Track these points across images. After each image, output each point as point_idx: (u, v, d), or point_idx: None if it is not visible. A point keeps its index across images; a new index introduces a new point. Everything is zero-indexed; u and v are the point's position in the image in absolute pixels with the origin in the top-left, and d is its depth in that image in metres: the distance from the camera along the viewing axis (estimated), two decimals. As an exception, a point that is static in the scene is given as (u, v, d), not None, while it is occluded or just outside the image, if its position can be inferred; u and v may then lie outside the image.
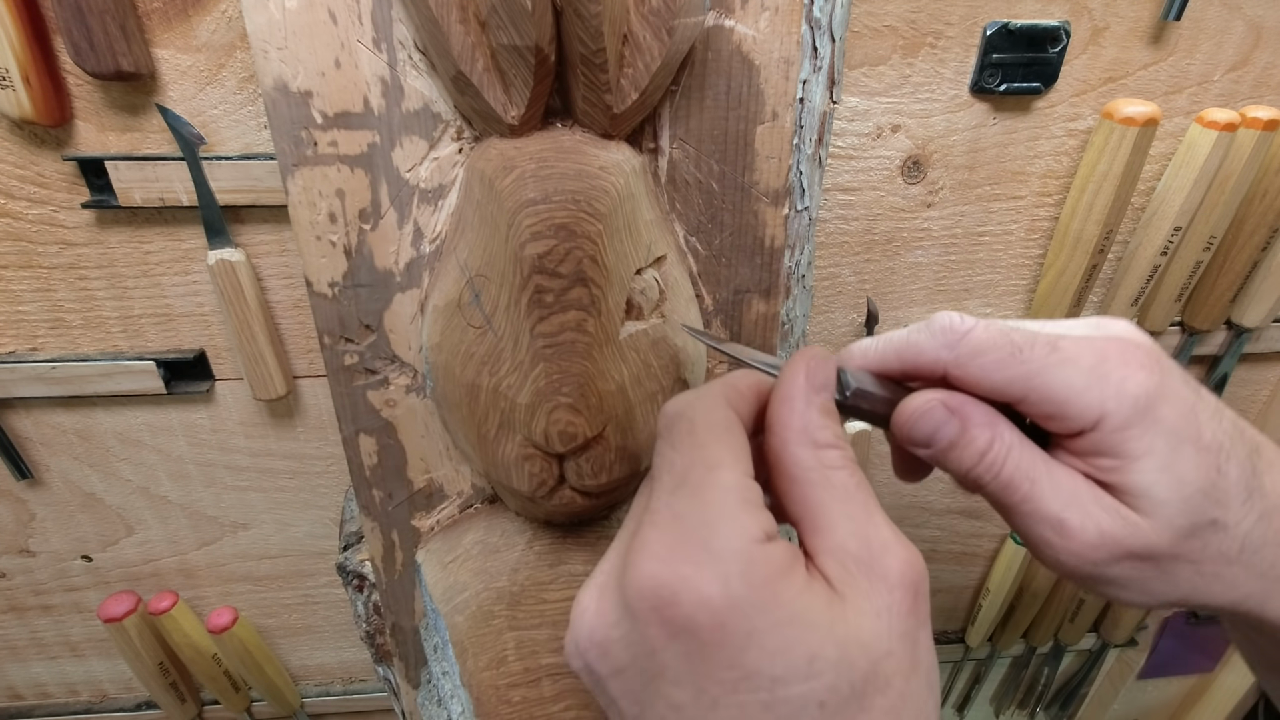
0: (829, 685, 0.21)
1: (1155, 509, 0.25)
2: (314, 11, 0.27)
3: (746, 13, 0.29)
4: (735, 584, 0.21)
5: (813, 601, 0.21)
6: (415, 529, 0.37)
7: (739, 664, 0.21)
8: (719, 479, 0.23)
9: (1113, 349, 0.25)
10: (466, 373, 0.30)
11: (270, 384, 0.56)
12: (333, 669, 0.78)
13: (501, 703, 0.35)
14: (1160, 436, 0.25)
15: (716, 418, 0.25)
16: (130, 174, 0.48)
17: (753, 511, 0.22)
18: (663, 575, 0.21)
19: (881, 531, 0.23)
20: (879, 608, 0.22)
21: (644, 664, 0.22)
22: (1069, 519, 0.25)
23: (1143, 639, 0.87)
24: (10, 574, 0.67)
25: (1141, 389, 0.25)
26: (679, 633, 0.21)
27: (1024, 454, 0.26)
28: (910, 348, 0.27)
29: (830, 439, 0.24)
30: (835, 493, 0.24)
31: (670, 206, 0.32)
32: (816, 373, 0.25)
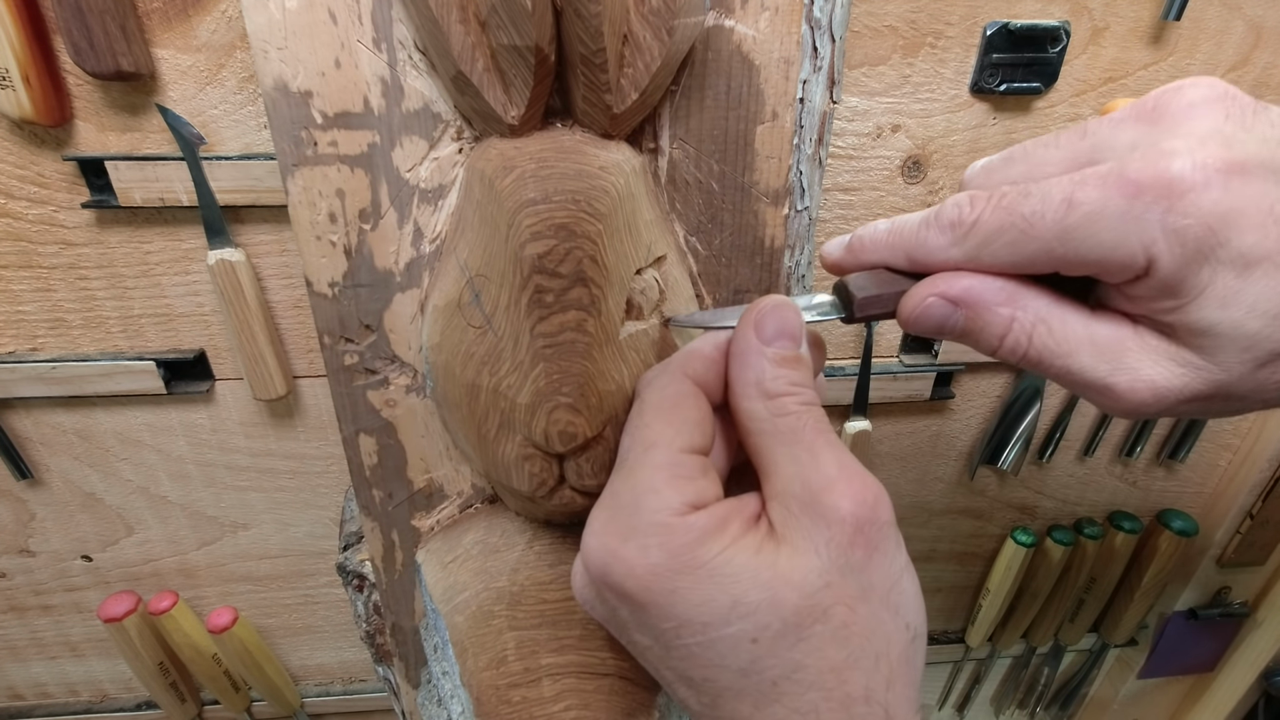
0: (757, 624, 0.23)
1: (1219, 347, 0.22)
2: (314, 11, 0.27)
3: (746, 13, 0.29)
4: (654, 554, 0.23)
5: (736, 555, 0.23)
6: (415, 529, 0.37)
7: (672, 616, 0.23)
8: (651, 458, 0.25)
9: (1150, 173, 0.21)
10: (466, 373, 0.30)
11: (270, 384, 0.56)
12: (333, 669, 0.78)
13: (501, 703, 0.35)
14: (1224, 265, 0.21)
15: (667, 394, 0.26)
16: (130, 174, 0.48)
17: (679, 484, 0.24)
18: (597, 550, 0.25)
19: (825, 470, 0.24)
20: (816, 544, 0.23)
21: (612, 617, 0.26)
22: (1116, 383, 0.23)
23: (1143, 639, 0.87)
24: (10, 574, 0.67)
25: (1198, 221, 0.21)
26: (620, 596, 0.24)
27: (1053, 326, 0.24)
28: (920, 248, 0.25)
29: (782, 388, 0.25)
30: (782, 438, 0.25)
31: (670, 206, 0.32)
32: (765, 324, 0.26)
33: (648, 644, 0.25)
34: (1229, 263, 0.21)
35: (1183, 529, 0.76)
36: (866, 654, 0.23)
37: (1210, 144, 0.21)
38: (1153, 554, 0.77)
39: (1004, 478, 0.73)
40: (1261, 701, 0.89)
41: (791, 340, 0.26)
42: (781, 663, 0.23)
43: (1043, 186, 0.23)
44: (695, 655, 0.24)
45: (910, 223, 0.26)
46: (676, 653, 0.24)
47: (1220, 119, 0.22)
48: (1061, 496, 0.76)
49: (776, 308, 0.26)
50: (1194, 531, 0.76)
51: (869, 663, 0.23)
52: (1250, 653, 0.85)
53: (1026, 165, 0.25)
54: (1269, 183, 0.21)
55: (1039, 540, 0.76)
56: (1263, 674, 0.86)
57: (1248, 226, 0.21)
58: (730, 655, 0.23)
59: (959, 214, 0.24)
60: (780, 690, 0.23)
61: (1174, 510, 0.78)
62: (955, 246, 0.24)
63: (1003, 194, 0.23)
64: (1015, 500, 0.75)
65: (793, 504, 0.24)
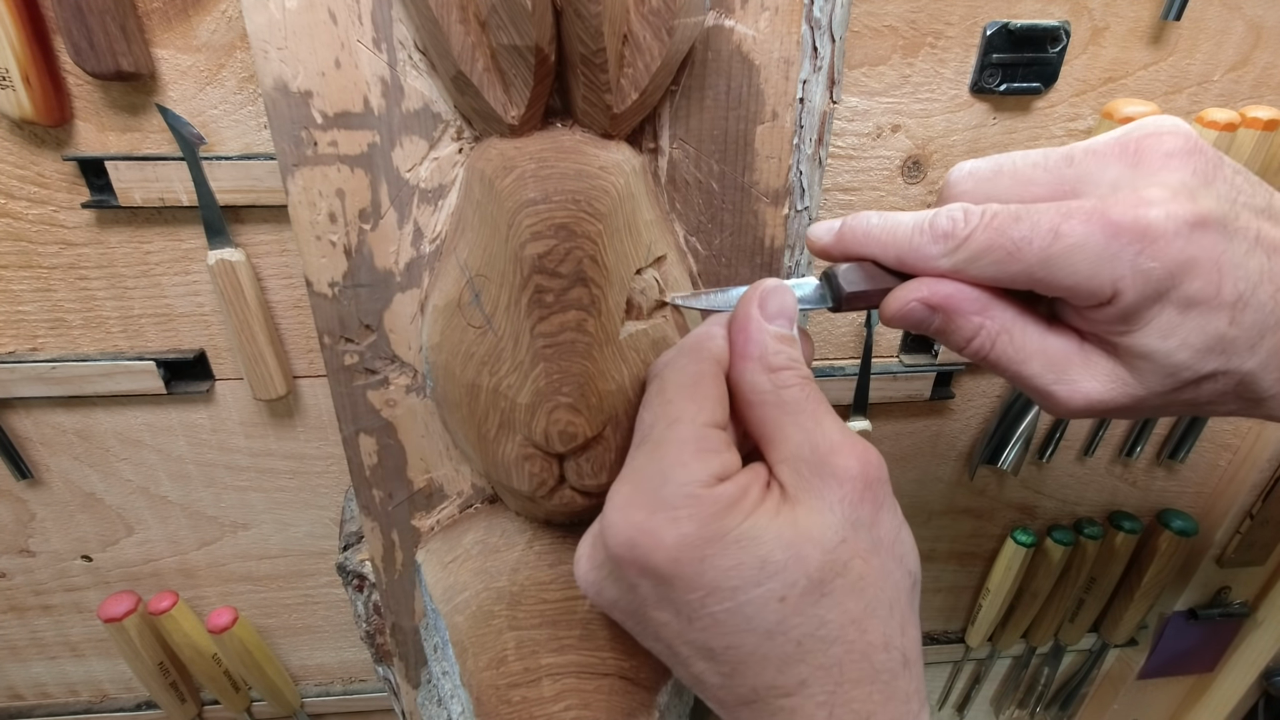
0: (785, 582, 0.24)
1: (1150, 369, 0.26)
2: (314, 11, 0.27)
3: (746, 13, 0.29)
4: (684, 525, 0.24)
5: (759, 519, 0.24)
6: (415, 529, 0.37)
7: (700, 585, 0.24)
8: (676, 433, 0.26)
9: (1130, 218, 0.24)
10: (466, 373, 0.30)
11: (270, 384, 0.56)
12: (333, 669, 0.78)
13: (501, 703, 0.35)
14: (1171, 304, 0.25)
15: (686, 373, 0.27)
16: (130, 174, 0.48)
17: (705, 458, 0.25)
18: (624, 524, 0.25)
19: (830, 435, 0.25)
20: (830, 503, 0.25)
21: (629, 595, 0.26)
22: (1057, 391, 0.27)
23: (1143, 639, 0.87)
24: (10, 574, 0.67)
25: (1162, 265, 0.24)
26: (645, 570, 0.25)
27: (1014, 336, 0.27)
28: (912, 253, 0.27)
29: (784, 362, 0.27)
30: (787, 408, 0.26)
31: (670, 206, 0.32)
32: (769, 302, 0.27)
33: (666, 620, 0.25)
34: (1175, 302, 0.25)
35: (1183, 529, 0.76)
36: (881, 603, 0.25)
37: (1180, 197, 0.24)
38: (1153, 554, 0.77)
39: (1004, 478, 0.73)
40: (1261, 701, 0.89)
41: (789, 320, 0.27)
42: (807, 620, 0.24)
43: (1032, 214, 0.25)
44: (721, 622, 0.24)
45: (903, 225, 0.27)
46: (700, 623, 0.25)
47: (1189, 173, 0.25)
48: (1061, 496, 0.76)
49: (778, 289, 0.28)
50: (1194, 531, 0.76)
51: (884, 611, 0.25)
52: (1250, 653, 0.85)
53: (1014, 181, 0.27)
54: (1220, 236, 0.24)
55: (1039, 540, 0.76)
56: (1263, 674, 0.86)
57: (1198, 273, 0.24)
58: (758, 617, 0.24)
59: (953, 227, 0.26)
60: (805, 649, 0.24)
61: (1174, 510, 0.78)
62: (945, 257, 0.26)
63: (994, 214, 0.26)
64: (1015, 500, 0.75)
65: (802, 467, 0.25)
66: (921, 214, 0.27)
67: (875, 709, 0.24)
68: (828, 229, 0.30)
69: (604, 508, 0.26)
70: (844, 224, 0.29)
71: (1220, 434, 0.74)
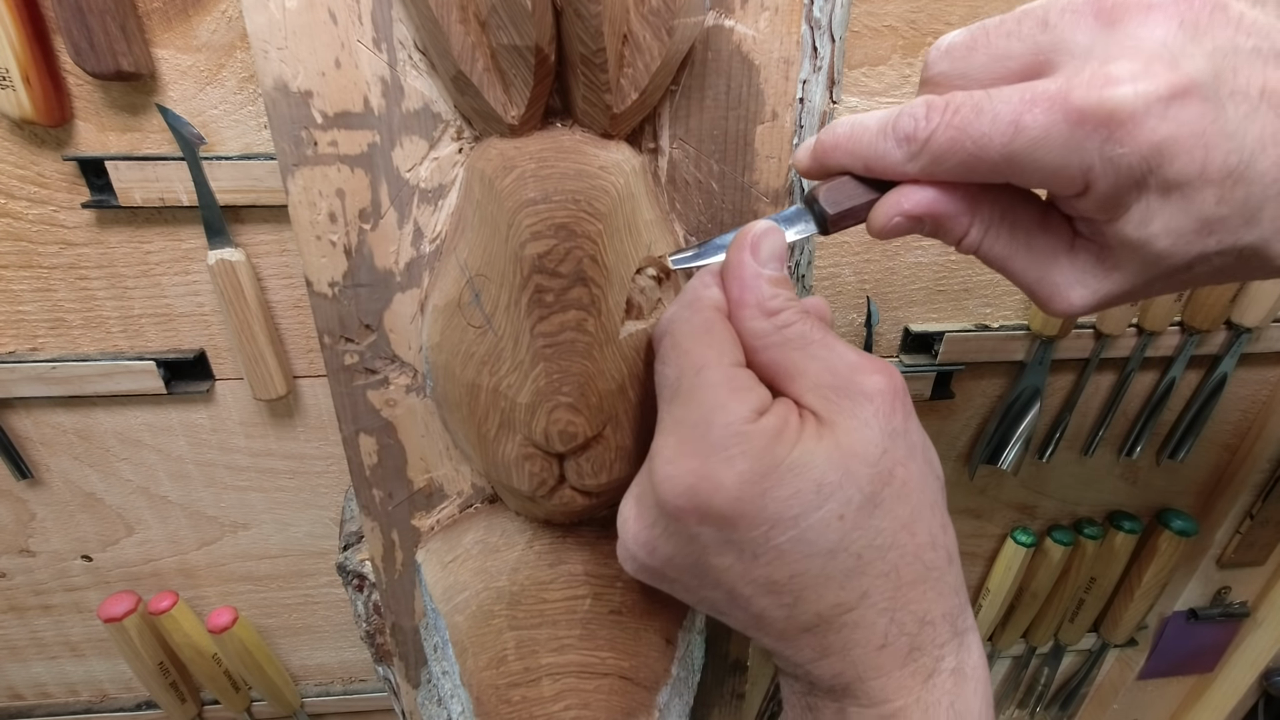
0: (842, 499, 0.24)
1: (1127, 260, 0.25)
2: (314, 11, 0.27)
3: (746, 13, 0.29)
4: (739, 463, 0.24)
5: (806, 444, 0.24)
6: (415, 529, 0.37)
7: (764, 519, 0.24)
8: (706, 378, 0.26)
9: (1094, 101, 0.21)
10: (466, 372, 0.30)
11: (270, 384, 0.56)
12: (333, 669, 0.78)
13: (501, 702, 0.35)
14: (1150, 189, 0.23)
15: (695, 322, 0.27)
16: (130, 174, 0.48)
17: (741, 395, 0.25)
18: (678, 475, 0.25)
19: (847, 357, 0.26)
20: (864, 419, 0.25)
21: (687, 547, 0.26)
22: (1039, 291, 0.27)
23: (1143, 639, 0.87)
24: (10, 574, 0.67)
25: (1133, 150, 0.22)
26: (705, 517, 0.25)
27: (1001, 234, 0.26)
28: (877, 160, 0.26)
29: (781, 304, 0.26)
30: (795, 343, 0.26)
31: (670, 206, 0.32)
32: (760, 247, 0.27)
33: (728, 563, 0.26)
34: (1155, 187, 0.22)
35: (1183, 529, 0.76)
36: (924, 504, 0.26)
37: (1156, 65, 0.21)
38: (1153, 554, 0.77)
39: (1004, 478, 0.73)
40: (1261, 701, 0.89)
41: (780, 262, 0.27)
42: (865, 532, 0.25)
43: (994, 104, 0.23)
44: (786, 553, 0.25)
45: (868, 130, 0.26)
46: (764, 558, 0.25)
47: (1174, 27, 0.22)
48: (1061, 496, 0.76)
49: (768, 232, 0.27)
50: (1194, 531, 0.76)
51: (927, 512, 0.26)
52: (1250, 653, 0.85)
53: (988, 57, 0.25)
54: (1206, 105, 0.21)
55: (1039, 540, 0.76)
56: (1263, 674, 0.86)
57: (1179, 152, 0.22)
58: (821, 539, 0.24)
59: (914, 127, 0.25)
60: (864, 560, 0.25)
61: (1174, 510, 0.78)
62: (910, 161, 0.25)
63: (955, 109, 0.24)
64: (1015, 500, 0.75)
65: (828, 392, 0.25)
66: (888, 113, 0.26)
67: (930, 605, 0.26)
68: (805, 149, 0.29)
69: (649, 464, 0.27)
70: (818, 140, 0.28)
71: (1220, 434, 0.74)
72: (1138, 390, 0.69)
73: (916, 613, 0.25)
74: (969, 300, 0.62)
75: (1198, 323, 0.63)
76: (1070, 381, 0.67)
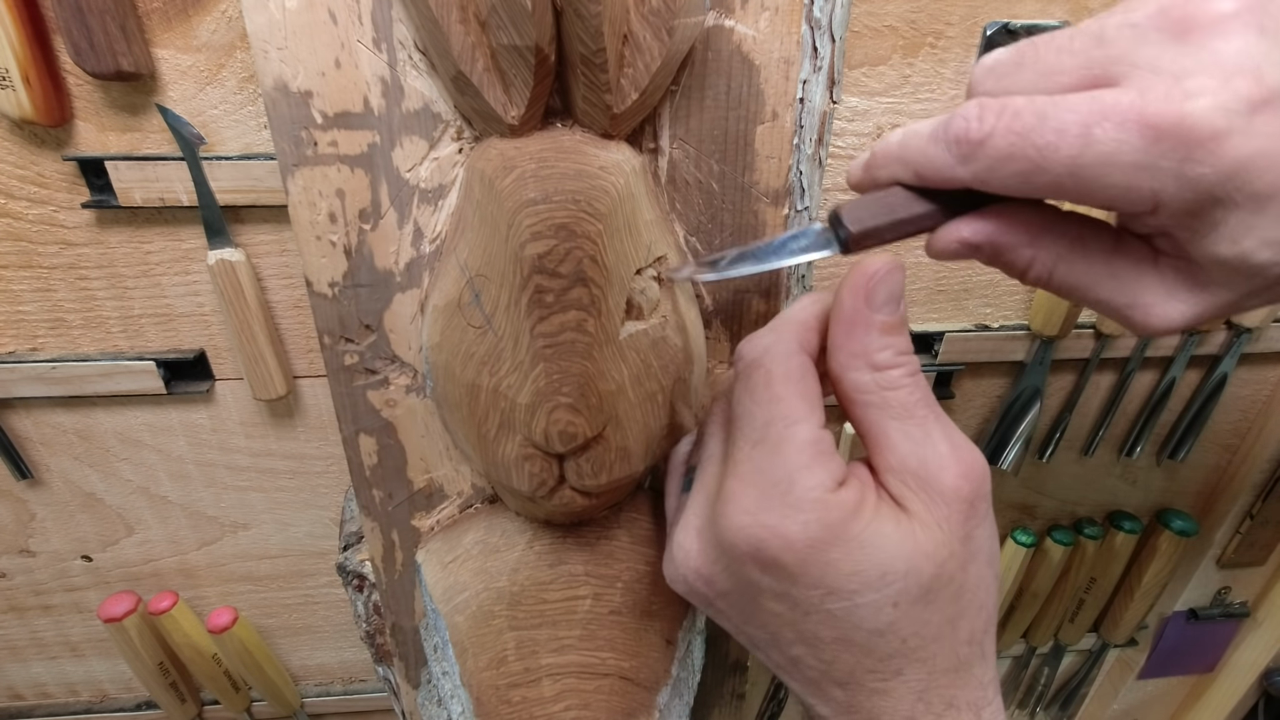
0: (900, 590, 0.25)
1: (1225, 279, 0.23)
2: (314, 11, 0.27)
3: (746, 13, 0.29)
4: (813, 529, 0.25)
5: (881, 527, 0.25)
6: (415, 529, 0.37)
7: (822, 585, 0.25)
8: (795, 434, 0.25)
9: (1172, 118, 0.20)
10: (466, 373, 0.30)
11: (270, 384, 0.56)
12: (333, 669, 0.78)
13: (501, 703, 0.35)
14: (1238, 205, 0.21)
15: (792, 366, 0.26)
16: (130, 174, 0.48)
17: (826, 463, 0.25)
18: (751, 527, 0.25)
19: (938, 448, 0.25)
20: (939, 519, 0.25)
21: (744, 588, 0.27)
22: (1132, 315, 0.25)
23: (1143, 639, 0.87)
24: (10, 574, 0.67)
25: (1214, 169, 0.20)
26: (769, 567, 0.26)
27: (1074, 263, 0.25)
28: (927, 165, 0.24)
29: (889, 359, 0.26)
30: (893, 412, 0.26)
31: (670, 206, 0.32)
32: (876, 292, 0.25)
33: (780, 610, 0.26)
34: (1244, 202, 0.21)
35: (1183, 529, 0.76)
36: (973, 605, 0.26)
37: (1238, 79, 0.20)
38: (1153, 554, 0.77)
39: (1004, 478, 0.73)
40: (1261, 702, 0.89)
41: (896, 304, 0.26)
42: (914, 622, 0.25)
43: (1060, 111, 0.21)
44: (837, 618, 0.25)
45: (920, 135, 0.25)
46: (814, 617, 0.26)
47: (1253, 33, 0.20)
48: (1061, 496, 0.76)
49: (889, 275, 0.25)
50: (1194, 531, 0.76)
51: (974, 612, 0.26)
52: (1250, 653, 0.85)
53: (1036, 72, 0.23)
54: None
55: (1039, 540, 0.76)
56: (1263, 674, 0.86)
57: (1267, 166, 0.20)
58: (871, 619, 0.25)
59: (966, 130, 0.23)
60: (908, 646, 0.25)
61: (1174, 510, 0.78)
62: (962, 165, 0.23)
63: (1015, 112, 0.22)
64: (1015, 500, 0.75)
65: (910, 480, 0.25)
66: (941, 118, 0.24)
67: (958, 693, 0.26)
68: (860, 162, 0.27)
69: (720, 504, 0.27)
70: (871, 151, 0.27)
71: (1220, 434, 0.74)
72: (1138, 390, 0.69)
73: (945, 697, 0.26)
74: (969, 300, 0.62)
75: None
76: (1070, 381, 0.67)
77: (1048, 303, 0.60)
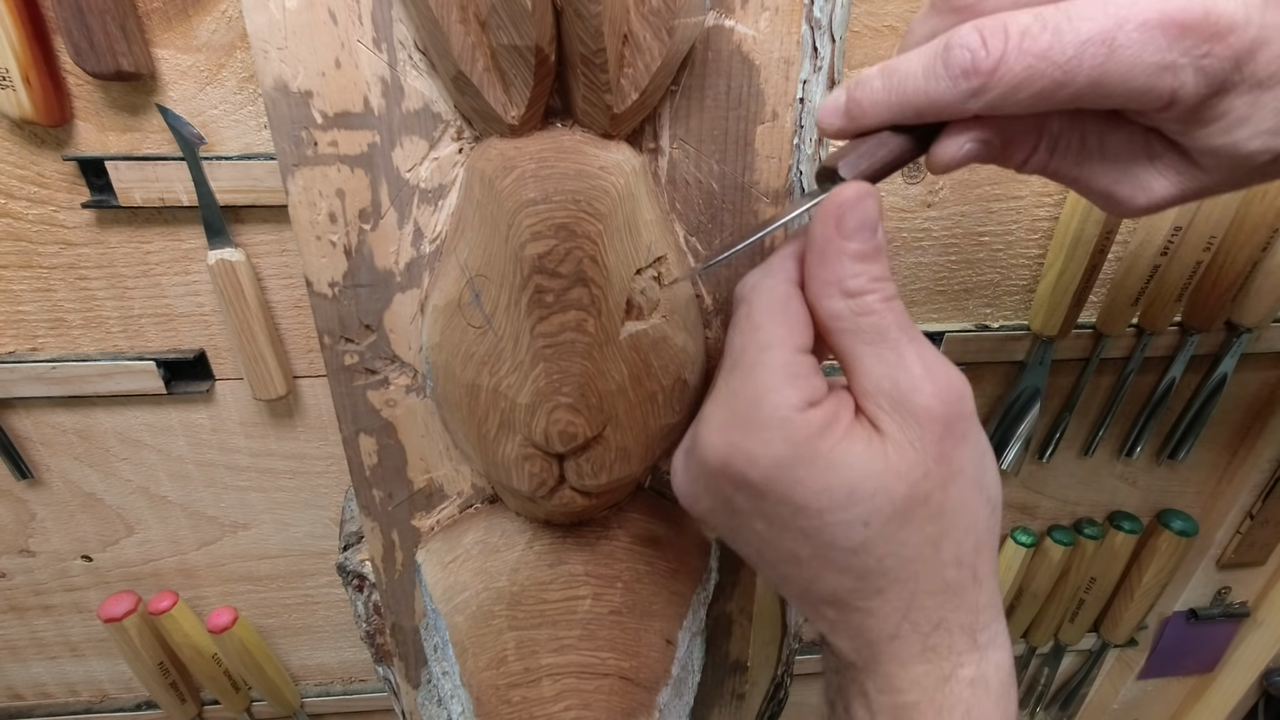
0: (871, 509, 0.25)
1: (1216, 164, 0.24)
2: (314, 11, 0.27)
3: (746, 13, 0.29)
4: (777, 446, 0.25)
5: (851, 447, 0.25)
6: (415, 529, 0.37)
7: (789, 502, 0.25)
8: (768, 358, 0.26)
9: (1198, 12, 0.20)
10: (466, 373, 0.30)
11: (270, 384, 0.56)
12: (333, 669, 0.78)
13: (501, 703, 0.35)
14: (1239, 94, 0.22)
15: (775, 297, 0.27)
16: (130, 174, 0.48)
17: (796, 383, 0.25)
18: (719, 445, 0.26)
19: (911, 370, 0.25)
20: (912, 439, 0.25)
21: (723, 506, 0.28)
22: (1117, 192, 0.26)
23: (1143, 639, 0.87)
24: (10, 574, 0.67)
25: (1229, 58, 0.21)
26: (740, 485, 0.26)
27: (1071, 142, 0.25)
28: (931, 105, 0.24)
29: (862, 286, 0.25)
30: (866, 337, 0.25)
31: (670, 206, 0.32)
32: (847, 220, 0.25)
33: (759, 528, 0.27)
34: (1246, 91, 0.21)
35: (1183, 529, 0.76)
36: (957, 527, 0.26)
37: None
38: (1153, 554, 0.77)
39: (1004, 478, 0.73)
40: (1261, 702, 0.89)
41: (871, 231, 0.25)
42: (889, 542, 0.25)
43: (1075, 26, 0.21)
44: (809, 536, 0.26)
45: (911, 74, 0.24)
46: (789, 534, 0.26)
47: None
48: (1061, 496, 0.76)
49: (860, 200, 0.25)
50: (1194, 531, 0.76)
51: (959, 534, 0.26)
52: (1250, 653, 0.85)
53: None
54: None
55: (1039, 540, 0.76)
56: (1263, 674, 0.86)
57: (1272, 56, 0.21)
58: (843, 537, 0.25)
59: (973, 61, 0.22)
60: (885, 565, 0.25)
61: (1174, 510, 0.78)
62: (974, 99, 0.23)
63: (1023, 31, 0.21)
64: (1015, 500, 0.75)
65: (884, 402, 0.25)
66: (929, 52, 0.23)
67: (946, 615, 0.26)
68: (835, 110, 0.27)
69: (697, 425, 0.28)
70: (849, 98, 0.26)
71: (1220, 434, 0.74)
72: (1138, 390, 0.69)
73: (932, 617, 0.26)
74: (969, 300, 0.62)
75: (1197, 323, 0.63)
76: (1070, 381, 0.67)
77: (1048, 302, 0.60)
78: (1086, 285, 0.58)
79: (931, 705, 0.26)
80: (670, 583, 0.37)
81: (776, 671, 0.56)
